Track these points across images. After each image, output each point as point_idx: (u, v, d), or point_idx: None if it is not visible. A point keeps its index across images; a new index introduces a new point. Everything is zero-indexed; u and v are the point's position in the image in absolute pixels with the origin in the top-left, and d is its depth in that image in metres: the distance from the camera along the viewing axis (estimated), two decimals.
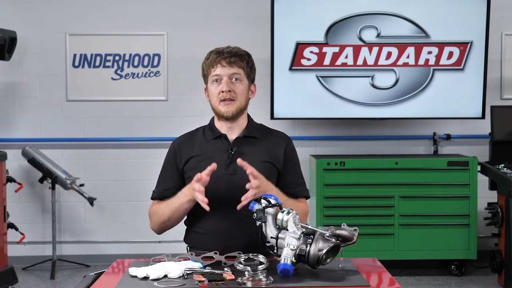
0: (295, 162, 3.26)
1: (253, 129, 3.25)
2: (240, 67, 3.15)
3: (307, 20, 6.28)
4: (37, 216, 6.70)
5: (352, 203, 6.04)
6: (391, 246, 6.05)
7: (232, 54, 3.15)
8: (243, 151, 3.16)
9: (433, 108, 6.40)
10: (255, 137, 3.23)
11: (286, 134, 3.34)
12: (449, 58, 6.33)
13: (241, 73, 3.16)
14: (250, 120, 3.29)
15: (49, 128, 6.65)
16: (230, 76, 3.14)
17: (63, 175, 6.28)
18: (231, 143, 3.19)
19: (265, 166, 3.14)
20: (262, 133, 3.28)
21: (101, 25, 6.64)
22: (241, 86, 3.16)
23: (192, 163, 3.18)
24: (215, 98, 3.17)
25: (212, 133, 3.23)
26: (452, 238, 6.07)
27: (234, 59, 3.13)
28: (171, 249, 6.15)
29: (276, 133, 3.33)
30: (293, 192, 3.20)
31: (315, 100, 6.35)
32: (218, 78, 3.14)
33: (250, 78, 3.23)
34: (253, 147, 3.19)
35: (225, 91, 3.12)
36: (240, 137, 3.21)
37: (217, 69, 3.13)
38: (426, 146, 6.78)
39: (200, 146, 3.21)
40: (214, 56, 3.15)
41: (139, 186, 6.58)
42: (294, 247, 2.56)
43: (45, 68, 6.62)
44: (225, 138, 3.20)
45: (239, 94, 3.15)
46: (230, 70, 3.13)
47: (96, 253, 6.71)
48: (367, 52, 6.31)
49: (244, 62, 3.17)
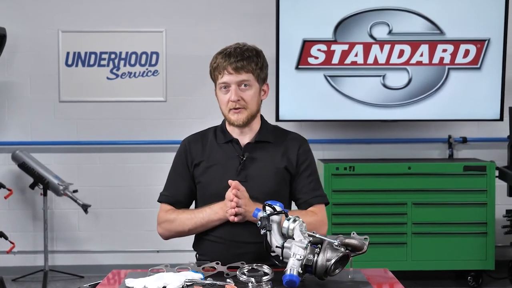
0: (308, 165, 3.24)
1: (266, 133, 3.25)
2: (249, 71, 3.12)
3: (314, 16, 6.28)
4: (28, 224, 6.71)
5: (362, 211, 6.05)
6: (403, 256, 6.05)
7: (239, 58, 3.11)
8: (255, 156, 3.17)
9: (448, 109, 6.40)
10: (268, 142, 3.23)
11: (300, 136, 3.33)
12: (465, 56, 6.33)
13: (250, 78, 3.13)
14: (264, 122, 3.29)
15: (41, 131, 6.66)
16: (238, 83, 3.12)
17: (55, 180, 6.28)
18: (242, 149, 3.20)
19: (277, 172, 3.16)
20: (275, 136, 3.27)
21: (96, 21, 6.64)
22: (250, 92, 3.15)
23: (201, 168, 3.20)
24: (224, 106, 3.17)
25: (223, 137, 3.24)
26: (469, 248, 6.07)
27: (241, 64, 3.10)
28: (170, 259, 6.15)
29: (290, 135, 3.32)
30: (306, 198, 3.20)
31: (323, 101, 6.35)
32: (226, 85, 3.13)
33: (261, 79, 3.20)
34: (266, 153, 3.20)
35: (234, 100, 3.12)
36: (252, 142, 3.21)
37: (224, 77, 3.12)
38: (440, 150, 6.78)
39: (210, 150, 3.23)
40: (220, 60, 3.13)
41: (136, 192, 6.58)
42: (300, 257, 2.56)
43: (37, 67, 6.63)
44: (237, 143, 3.21)
45: (249, 100, 3.14)
46: (238, 77, 3.11)
47: (90, 263, 6.71)
48: (378, 50, 6.32)
49: (252, 65, 3.13)
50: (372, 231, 5.68)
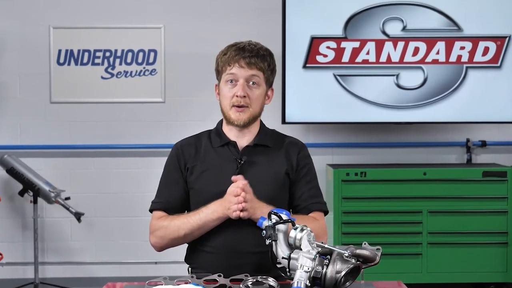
0: (308, 171, 3.26)
1: (264, 136, 3.26)
2: (260, 69, 3.15)
3: (323, 11, 6.29)
4: (17, 233, 6.71)
5: (374, 219, 6.05)
6: (418, 268, 6.05)
7: (253, 53, 3.14)
8: (254, 160, 3.17)
9: (466, 111, 6.40)
10: (266, 146, 3.24)
11: (299, 140, 3.35)
12: (484, 54, 6.33)
13: (260, 76, 3.16)
14: (262, 126, 3.30)
15: (31, 134, 6.65)
16: (248, 78, 3.14)
17: (46, 187, 6.28)
18: (240, 152, 3.20)
19: (278, 177, 3.16)
20: (274, 140, 3.28)
21: (90, 16, 6.65)
22: (257, 91, 3.17)
23: (196, 173, 3.19)
24: (227, 101, 3.17)
25: (219, 140, 3.23)
26: (488, 259, 6.07)
27: (254, 60, 3.13)
28: (169, 271, 6.15)
29: (289, 140, 3.33)
30: (305, 205, 3.21)
31: (332, 102, 6.35)
32: (234, 78, 3.14)
33: (269, 82, 3.23)
34: (265, 157, 3.20)
35: (240, 96, 3.12)
36: (251, 145, 3.21)
37: (233, 68, 3.13)
38: (458, 154, 6.78)
39: (205, 154, 3.22)
40: (232, 52, 3.15)
41: (132, 199, 6.59)
42: (308, 269, 2.56)
43: (26, 65, 6.63)
44: (234, 146, 3.21)
45: (254, 100, 3.16)
46: (248, 72, 3.13)
47: (84, 275, 6.72)
48: (391, 47, 6.32)
49: (265, 64, 3.17)
50: (385, 241, 5.66)
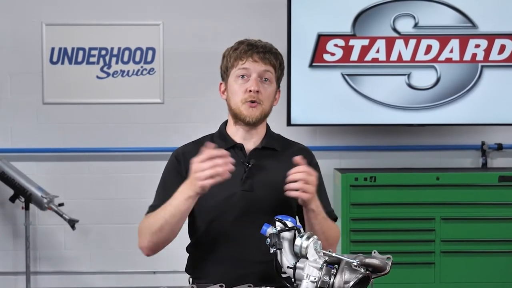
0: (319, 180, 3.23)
1: (271, 139, 3.29)
2: (273, 66, 3.19)
3: (330, 8, 6.30)
4: (8, 241, 6.72)
5: (385, 226, 6.06)
6: (431, 278, 6.06)
7: (266, 49, 3.18)
8: (263, 164, 3.18)
9: (482, 112, 6.41)
10: (274, 149, 3.26)
11: (307, 147, 3.37)
12: (500, 52, 6.34)
13: (273, 73, 3.19)
14: (268, 128, 3.33)
15: (22, 137, 6.67)
16: (261, 74, 3.16)
17: (38, 192, 6.29)
18: (247, 155, 3.21)
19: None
20: (281, 145, 3.31)
21: (84, 13, 6.66)
22: (269, 88, 3.19)
23: None
24: (238, 97, 3.17)
25: (224, 143, 3.22)
26: (504, 268, 6.07)
27: (268, 55, 3.17)
28: (168, 281, 6.17)
29: (297, 146, 3.36)
30: None
31: (340, 102, 6.36)
32: (246, 74, 3.16)
33: (278, 82, 3.26)
34: (273, 161, 3.22)
35: (253, 91, 3.13)
36: (259, 148, 3.23)
37: (246, 63, 3.15)
38: (473, 158, 6.79)
39: None
40: (245, 47, 3.17)
41: (129, 205, 6.59)
42: (315, 279, 2.57)
43: (18, 64, 6.64)
44: (241, 149, 3.22)
45: (266, 97, 3.18)
46: (262, 66, 3.16)
47: (78, 286, 6.73)
48: (402, 45, 6.33)
49: (277, 62, 3.21)
50: (395, 250, 5.67)
